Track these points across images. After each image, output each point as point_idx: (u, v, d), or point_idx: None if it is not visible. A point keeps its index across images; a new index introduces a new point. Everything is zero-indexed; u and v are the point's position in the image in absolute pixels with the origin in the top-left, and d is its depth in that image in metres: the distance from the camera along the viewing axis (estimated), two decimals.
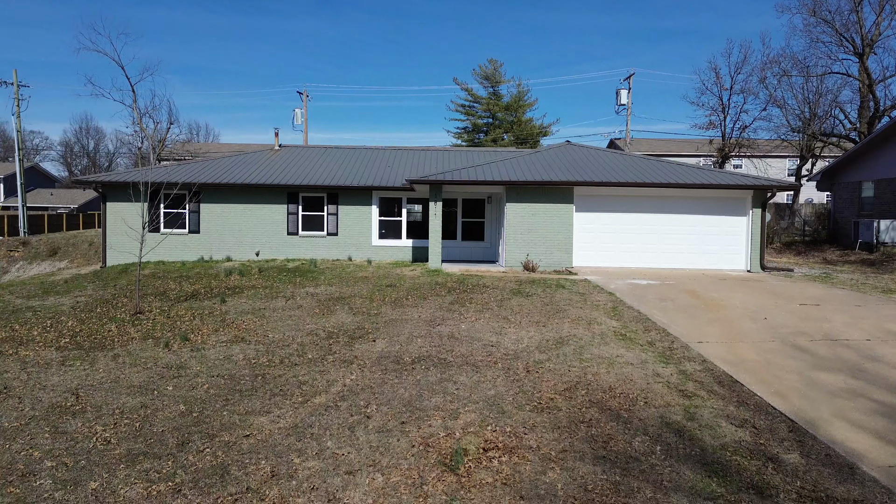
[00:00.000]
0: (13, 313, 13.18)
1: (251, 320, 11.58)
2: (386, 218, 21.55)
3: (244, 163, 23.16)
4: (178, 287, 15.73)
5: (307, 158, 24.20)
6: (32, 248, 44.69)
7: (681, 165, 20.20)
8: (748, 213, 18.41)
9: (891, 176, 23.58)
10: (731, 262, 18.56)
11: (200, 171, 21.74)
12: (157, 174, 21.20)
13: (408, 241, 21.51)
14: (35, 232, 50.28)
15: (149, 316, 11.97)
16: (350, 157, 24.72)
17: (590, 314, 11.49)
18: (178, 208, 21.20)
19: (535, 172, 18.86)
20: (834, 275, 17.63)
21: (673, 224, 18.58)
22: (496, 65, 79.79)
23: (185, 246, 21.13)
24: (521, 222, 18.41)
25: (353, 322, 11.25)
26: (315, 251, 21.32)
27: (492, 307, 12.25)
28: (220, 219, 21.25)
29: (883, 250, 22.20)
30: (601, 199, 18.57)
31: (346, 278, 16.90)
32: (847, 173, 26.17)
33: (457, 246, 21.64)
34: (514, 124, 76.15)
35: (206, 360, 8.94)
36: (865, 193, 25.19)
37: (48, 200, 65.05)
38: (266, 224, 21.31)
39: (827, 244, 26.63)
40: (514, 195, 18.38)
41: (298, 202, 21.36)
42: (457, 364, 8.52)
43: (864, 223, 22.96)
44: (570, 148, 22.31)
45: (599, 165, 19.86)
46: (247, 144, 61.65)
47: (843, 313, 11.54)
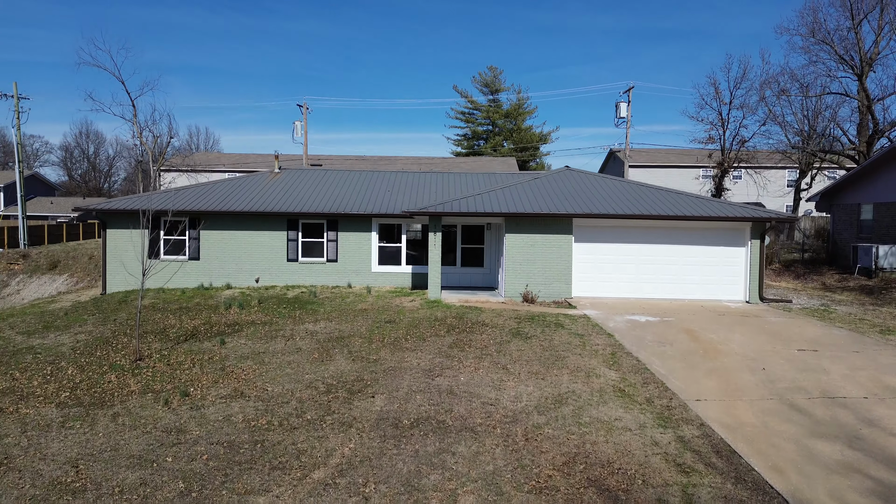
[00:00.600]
0: (14, 355, 13.21)
1: (250, 368, 11.61)
2: (385, 244, 21.58)
3: (244, 187, 23.19)
4: (179, 323, 15.76)
5: (307, 182, 24.23)
6: (32, 262, 44.72)
7: (680, 193, 20.23)
8: (747, 243, 18.45)
9: (889, 200, 23.62)
10: (730, 293, 18.59)
11: (201, 198, 21.77)
12: (157, 201, 21.26)
13: (407, 267, 21.54)
14: (35, 243, 50.31)
15: (148, 363, 11.99)
16: (350, 180, 24.74)
17: (588, 363, 11.52)
18: (178, 235, 21.23)
19: (535, 202, 18.90)
20: (832, 307, 17.65)
21: (672, 255, 18.61)
22: (496, 72, 79.96)
23: (185, 273, 21.15)
24: (521, 253, 18.44)
25: (352, 371, 11.27)
26: (315, 277, 21.35)
27: (491, 353, 12.28)
28: (220, 245, 21.28)
29: (881, 276, 22.24)
30: (600, 230, 18.61)
31: (346, 311, 16.92)
32: (846, 195, 26.21)
33: (456, 272, 21.67)
34: (513, 132, 76.22)
35: (205, 422, 8.97)
36: (864, 216, 25.23)
37: (48, 209, 65.09)
38: (266, 251, 21.34)
39: (826, 265, 26.67)
40: (513, 226, 18.41)
41: (298, 229, 21.40)
42: (455, 429, 8.55)
43: (863, 248, 23.00)
44: (570, 174, 22.35)
45: (599, 194, 19.90)
46: (247, 155, 61.68)
47: (841, 362, 11.56)
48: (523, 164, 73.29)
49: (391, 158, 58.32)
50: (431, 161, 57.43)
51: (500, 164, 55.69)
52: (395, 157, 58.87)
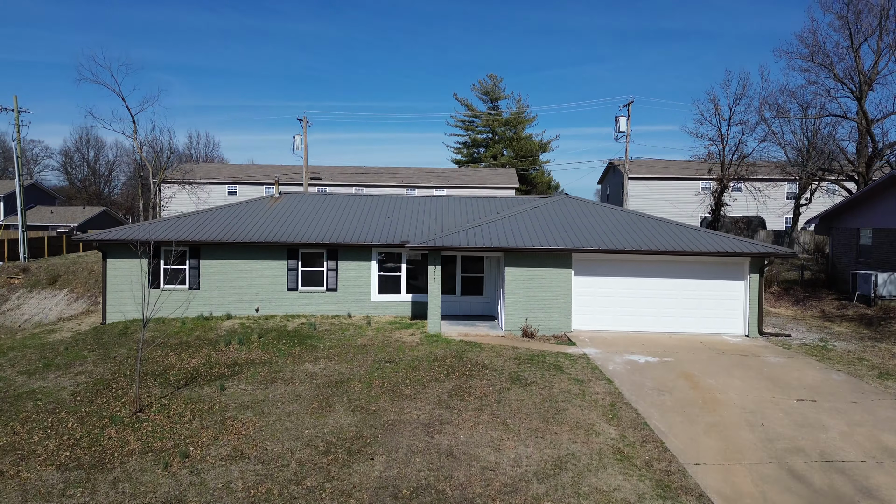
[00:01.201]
0: (15, 401, 13.23)
1: (250, 421, 11.63)
2: (385, 273, 21.61)
3: (244, 214, 23.21)
4: (179, 362, 15.78)
5: (307, 208, 24.25)
6: (32, 276, 44.74)
7: (678, 225, 20.26)
8: (746, 277, 18.48)
9: (889, 226, 23.65)
10: (730, 326, 18.62)
11: (201, 227, 21.80)
12: (157, 231, 21.30)
13: (407, 296, 21.56)
14: (35, 255, 50.32)
15: (149, 414, 12.01)
16: (350, 206, 24.75)
17: (588, 417, 11.54)
18: (179, 265, 21.26)
19: (534, 234, 18.93)
20: (831, 343, 17.67)
21: (671, 288, 18.65)
22: (496, 80, 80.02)
23: (185, 302, 21.17)
24: (520, 287, 18.47)
25: (352, 425, 11.29)
26: (315, 307, 21.38)
27: (490, 403, 12.29)
28: (221, 275, 21.30)
29: (881, 304, 22.27)
30: (599, 264, 18.64)
31: (345, 347, 16.95)
32: (845, 219, 26.24)
33: (456, 301, 21.69)
34: (513, 140, 76.26)
35: (205, 490, 8.99)
36: (863, 241, 25.26)
37: (48, 219, 65.12)
38: (266, 280, 21.37)
39: (825, 288, 26.70)
40: (512, 260, 18.45)
41: (298, 258, 21.42)
42: (455, 500, 8.57)
43: (862, 276, 23.03)
44: (568, 202, 22.38)
45: (598, 225, 19.93)
46: (247, 166, 61.72)
47: (840, 416, 11.59)
48: (523, 173, 73.34)
49: (392, 169, 58.37)
50: (431, 172, 57.47)
51: (499, 176, 55.74)
52: (395, 167, 58.94)
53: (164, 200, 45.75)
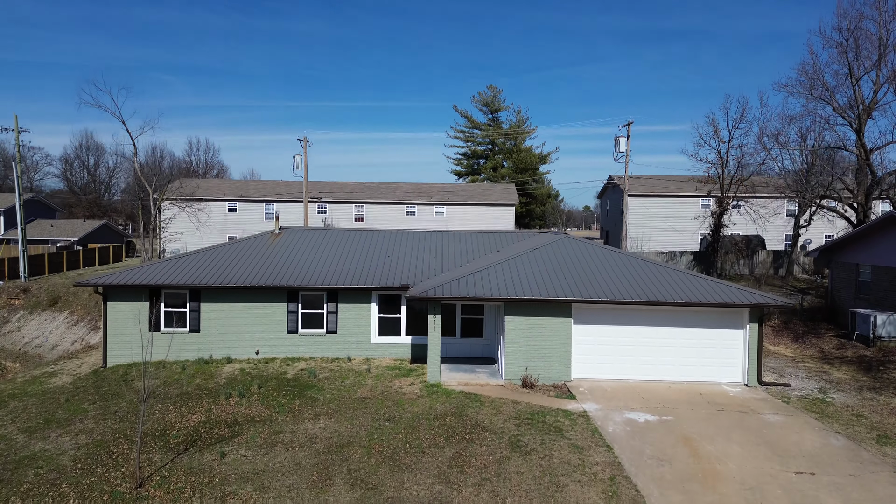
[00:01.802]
0: (16, 469, 13.26)
1: (250, 497, 11.67)
2: (385, 315, 21.64)
3: (245, 252, 23.24)
4: (179, 419, 15.80)
5: (307, 246, 24.27)
6: (33, 297, 44.81)
7: (678, 270, 20.30)
8: (745, 326, 18.52)
9: (888, 264, 23.69)
10: (729, 375, 18.66)
11: (201, 268, 21.84)
12: (158, 273, 21.35)
13: (407, 338, 21.61)
14: (35, 273, 50.36)
15: (149, 490, 12.04)
16: (350, 242, 24.76)
17: (587, 496, 11.57)
18: (179, 308, 21.30)
19: (534, 281, 18.97)
20: (830, 394, 17.70)
21: (670, 336, 18.68)
22: (495, 91, 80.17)
23: (185, 345, 21.22)
24: (520, 336, 18.52)
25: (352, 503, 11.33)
26: (314, 349, 21.42)
27: (490, 478, 12.32)
28: (221, 318, 21.34)
29: (879, 345, 22.31)
30: (599, 312, 18.67)
31: (345, 400, 16.98)
32: (844, 253, 26.28)
33: (456, 343, 21.72)
34: (513, 152, 76.36)
35: None
36: (863, 277, 25.30)
37: (48, 233, 65.13)
38: (266, 322, 21.41)
39: (825, 322, 26.74)
40: (512, 308, 18.49)
41: (298, 300, 21.46)
42: None
43: (861, 316, 23.06)
44: (567, 243, 22.41)
45: (597, 270, 19.98)
46: (246, 182, 61.78)
47: (838, 492, 11.63)
48: (522, 185, 73.41)
49: (391, 185, 58.42)
50: (431, 188, 57.50)
51: (499, 192, 55.78)
52: (394, 183, 58.96)
53: (165, 221, 45.77)
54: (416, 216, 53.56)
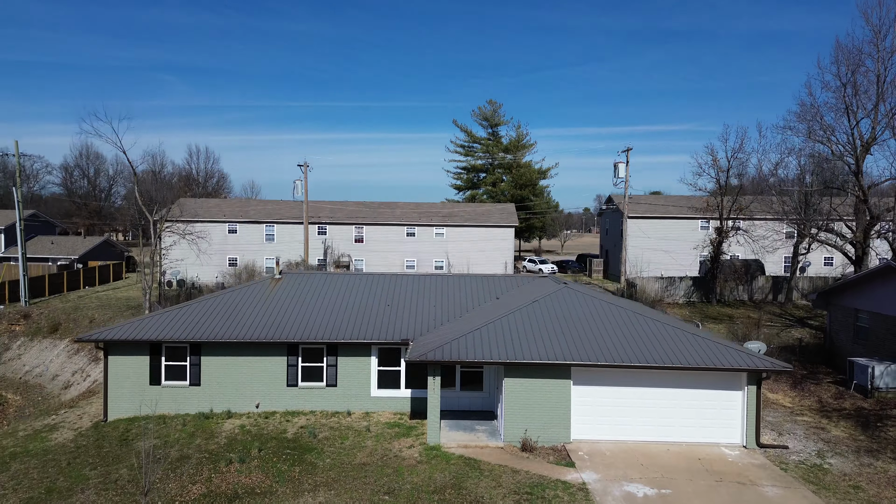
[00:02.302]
0: None
1: None
2: (385, 368, 21.73)
3: (245, 303, 23.32)
4: (180, 491, 15.85)
5: (307, 292, 24.34)
6: (34, 323, 44.92)
7: (677, 328, 20.36)
8: (744, 388, 18.62)
9: (886, 313, 23.76)
10: (728, 436, 18.75)
11: (202, 320, 21.92)
12: (158, 327, 21.44)
13: (407, 391, 21.70)
14: (36, 294, 50.47)
15: None
16: (350, 287, 24.83)
17: None
18: (179, 361, 21.40)
19: (533, 341, 19.06)
20: (828, 460, 17.77)
21: (670, 398, 18.78)
22: (495, 106, 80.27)
23: (186, 398, 21.33)
24: (519, 397, 18.61)
25: None
26: (314, 402, 21.52)
27: None
28: (221, 371, 21.43)
29: (877, 396, 22.40)
30: (599, 373, 18.77)
31: (345, 467, 17.05)
32: (843, 296, 26.36)
33: (455, 396, 21.79)
34: (512, 166, 76.43)
35: None
36: (861, 322, 25.38)
37: (49, 250, 65.17)
38: (266, 376, 21.50)
39: (824, 365, 26.84)
40: (512, 371, 18.59)
41: (298, 354, 21.55)
42: None
43: (859, 366, 23.15)
44: (567, 294, 22.47)
45: (596, 327, 20.06)
46: (246, 201, 61.82)
47: None
48: (522, 201, 73.48)
49: (391, 205, 58.53)
50: (431, 209, 57.60)
51: (498, 214, 55.87)
52: (394, 202, 59.02)
53: (166, 248, 45.84)
54: (416, 237, 53.68)
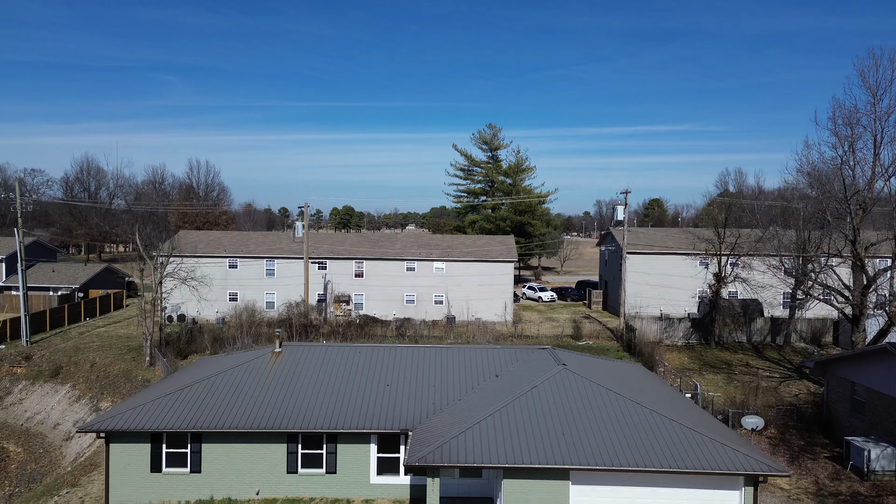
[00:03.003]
0: None
1: None
2: (384, 455, 21.88)
3: (245, 383, 23.46)
4: None
5: (307, 370, 24.48)
6: (35, 366, 45.10)
7: (674, 421, 20.46)
8: (741, 488, 18.77)
9: (882, 391, 23.89)
10: None
11: (202, 404, 22.08)
12: (158, 414, 21.61)
13: (406, 477, 21.84)
14: (37, 329, 50.65)
15: None
16: (350, 364, 24.97)
17: None
18: (180, 447, 21.56)
19: (532, 441, 19.19)
20: None
21: (668, 497, 18.91)
22: (495, 129, 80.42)
23: (186, 485, 21.49)
24: (518, 499, 18.75)
25: None
26: (314, 489, 21.68)
27: None
28: (222, 458, 21.58)
29: (873, 478, 22.54)
30: (598, 474, 18.91)
31: None
32: (841, 368, 26.50)
33: (455, 483, 21.87)
34: (512, 190, 76.51)
35: None
36: (858, 396, 25.50)
37: (50, 278, 65.23)
38: (266, 463, 21.66)
39: (821, 435, 27.00)
40: (510, 472, 18.73)
41: (298, 441, 21.71)
42: None
43: (856, 448, 23.27)
44: (567, 377, 22.58)
45: (596, 422, 20.20)
46: (247, 234, 61.93)
47: None
48: (522, 227, 73.63)
49: (391, 237, 58.82)
50: (431, 241, 57.79)
51: (498, 247, 56.03)
52: (395, 233, 59.27)
53: (166, 293, 46.00)
54: (416, 272, 53.83)
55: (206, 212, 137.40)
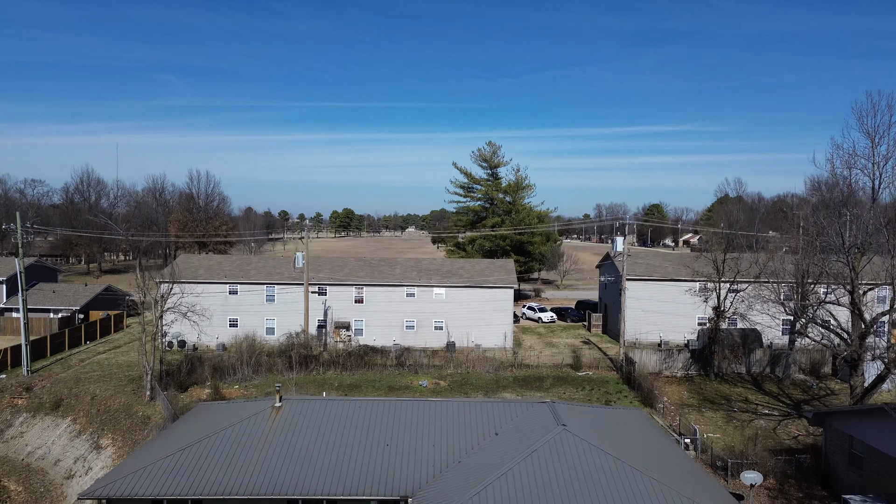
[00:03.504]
0: None
1: None
2: None
3: (245, 442, 23.56)
4: None
5: (307, 430, 24.56)
6: (35, 397, 45.20)
7: (671, 488, 20.55)
8: None
9: (880, 448, 23.97)
10: None
11: (202, 469, 22.18)
12: (157, 480, 21.73)
13: None
14: (38, 354, 50.78)
15: None
16: (350, 421, 25.07)
17: None
18: None
19: None
20: None
21: None
22: (495, 147, 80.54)
23: None
24: None
25: None
26: None
27: None
28: None
29: None
30: None
31: None
32: (839, 421, 26.58)
33: None
34: (511, 208, 76.62)
35: None
36: (856, 450, 25.58)
37: (50, 300, 65.31)
38: None
39: (820, 486, 27.09)
40: None
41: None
42: None
43: None
44: (565, 441, 22.67)
45: (596, 485, 20.31)
46: (248, 259, 62.00)
47: None
48: (521, 246, 73.73)
49: (391, 261, 58.91)
50: (430, 266, 57.88)
51: (498, 272, 56.12)
52: (394, 258, 59.33)
53: (167, 325, 46.11)
54: (415, 297, 53.96)
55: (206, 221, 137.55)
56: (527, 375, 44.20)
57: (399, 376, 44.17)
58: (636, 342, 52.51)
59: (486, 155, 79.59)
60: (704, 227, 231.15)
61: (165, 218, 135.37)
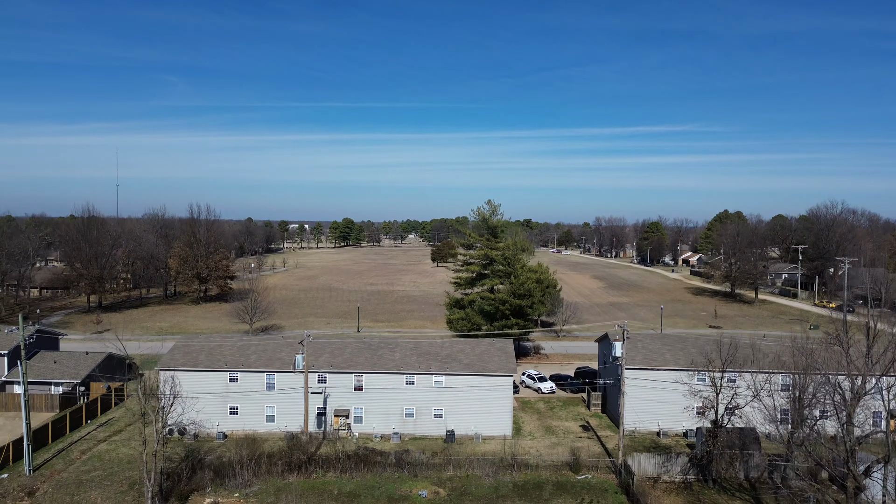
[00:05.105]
0: None
1: None
2: None
3: None
4: None
5: None
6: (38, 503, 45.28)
7: None
8: None
9: None
10: None
11: None
12: None
13: None
14: (40, 444, 51.10)
15: None
16: None
17: None
18: None
19: None
20: None
21: None
22: (493, 206, 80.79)
23: None
24: None
25: None
26: None
27: None
28: None
29: None
30: None
31: None
32: None
33: None
34: (510, 273, 76.89)
35: None
36: None
37: (51, 372, 65.47)
38: None
39: None
40: None
41: None
42: None
43: None
44: None
45: None
46: (247, 345, 62.22)
47: None
48: (521, 310, 73.97)
49: (390, 344, 59.13)
50: (430, 349, 58.14)
51: (497, 357, 56.41)
52: (394, 340, 59.60)
53: (166, 431, 46.33)
54: (415, 385, 54.21)
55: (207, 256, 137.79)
56: (526, 481, 44.48)
57: (398, 480, 44.46)
58: (634, 432, 52.84)
59: (484, 214, 79.88)
60: (704, 245, 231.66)
61: (166, 252, 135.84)
